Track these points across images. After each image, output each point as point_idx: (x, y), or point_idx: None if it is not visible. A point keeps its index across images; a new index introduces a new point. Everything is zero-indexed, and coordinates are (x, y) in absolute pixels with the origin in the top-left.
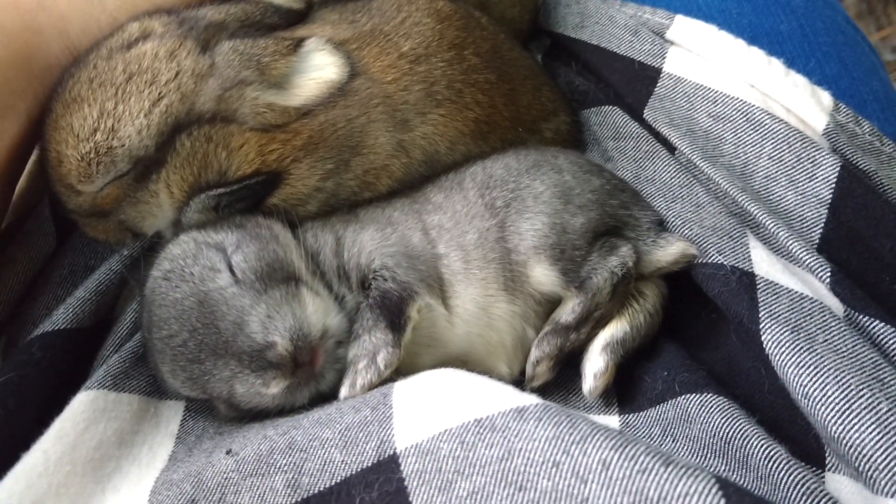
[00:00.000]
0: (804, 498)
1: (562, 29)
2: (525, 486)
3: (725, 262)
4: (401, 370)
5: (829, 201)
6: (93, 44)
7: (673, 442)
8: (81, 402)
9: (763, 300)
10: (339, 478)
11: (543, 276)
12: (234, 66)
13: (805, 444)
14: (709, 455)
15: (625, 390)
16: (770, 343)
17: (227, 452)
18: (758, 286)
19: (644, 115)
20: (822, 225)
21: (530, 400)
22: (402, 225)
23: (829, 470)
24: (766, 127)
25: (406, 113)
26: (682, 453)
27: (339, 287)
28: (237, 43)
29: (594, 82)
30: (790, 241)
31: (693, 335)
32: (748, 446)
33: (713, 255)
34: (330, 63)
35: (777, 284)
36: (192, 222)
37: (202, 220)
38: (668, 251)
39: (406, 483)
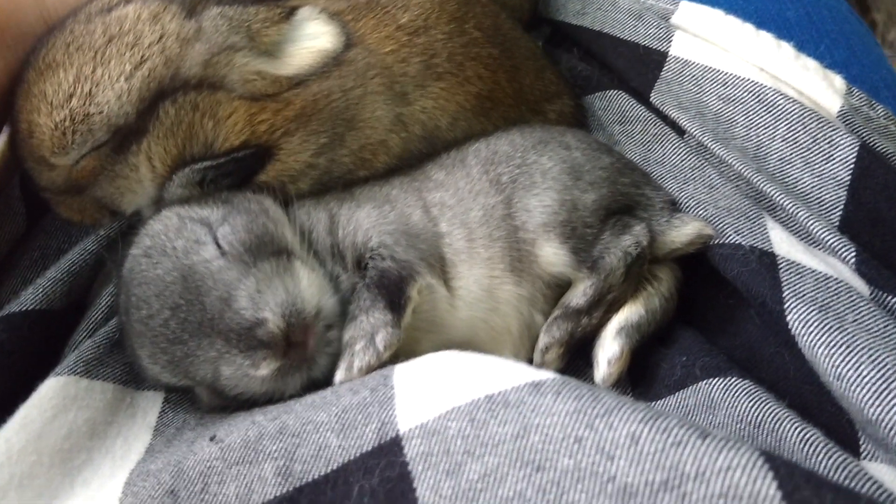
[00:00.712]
0: (846, 481)
1: (562, 16)
2: (543, 466)
3: (744, 242)
4: (399, 356)
5: (848, 183)
6: (70, 11)
7: None
8: (50, 389)
9: (786, 280)
10: (335, 464)
11: (553, 255)
12: (221, 31)
13: (837, 431)
14: None
15: (639, 378)
16: (797, 323)
17: (212, 439)
18: (779, 266)
19: (651, 99)
20: (842, 207)
21: (546, 374)
22: (401, 202)
23: (864, 458)
24: (780, 108)
25: (405, 85)
26: None
27: (334, 267)
28: (226, 8)
29: (597, 68)
30: (811, 222)
31: (710, 321)
32: (781, 430)
33: (730, 235)
34: (324, 32)
35: (800, 265)
36: (176, 198)
37: (186, 196)
38: (683, 231)
39: (410, 467)
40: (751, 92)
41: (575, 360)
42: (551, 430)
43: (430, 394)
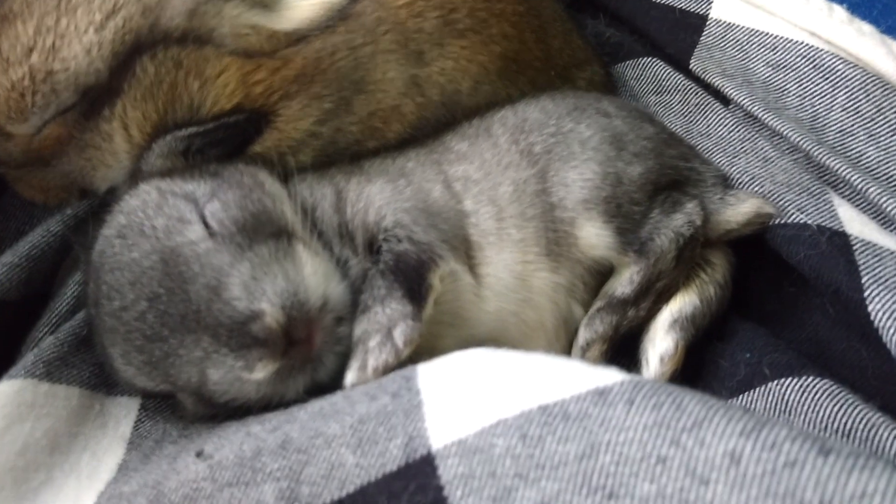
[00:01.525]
0: None
1: None
2: (617, 493)
3: (810, 221)
4: (420, 355)
5: None
6: None
7: None
8: (3, 395)
9: (864, 263)
10: (352, 486)
11: (595, 236)
12: None
13: None
14: None
15: (694, 379)
16: (881, 314)
17: (198, 455)
18: (854, 247)
19: (691, 67)
20: None
21: (612, 376)
22: (419, 176)
23: None
24: (839, 74)
25: (421, 44)
26: None
27: (342, 250)
28: None
29: (627, 34)
30: (884, 199)
31: (768, 313)
32: (876, 438)
33: (793, 213)
34: None
35: (877, 245)
36: (156, 170)
37: (168, 168)
38: (739, 210)
39: (446, 492)
40: (804, 57)
41: (615, 358)
42: (626, 448)
43: (468, 402)
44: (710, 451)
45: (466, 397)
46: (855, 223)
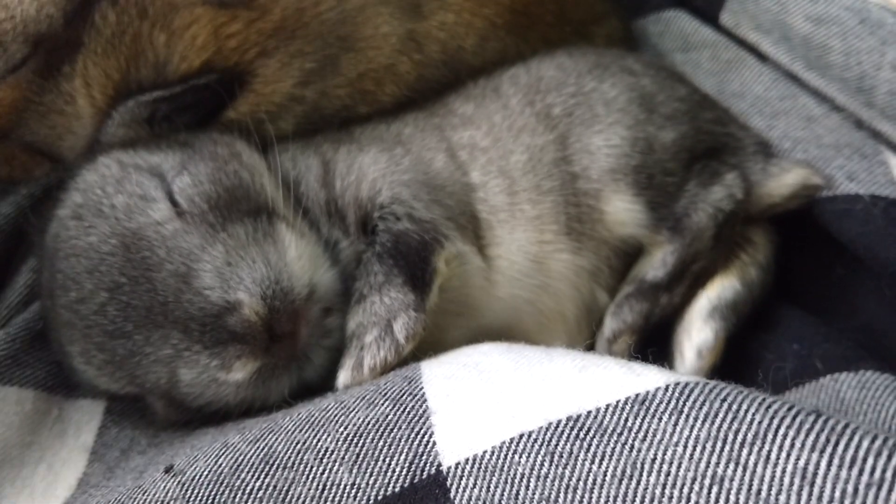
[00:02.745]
0: None
1: None
2: None
3: (862, 192)
4: (421, 350)
5: None
6: None
7: None
8: None
9: None
10: None
11: (624, 211)
12: None
13: None
14: None
15: (735, 373)
16: None
17: (168, 470)
18: None
19: (721, 21)
20: None
21: (654, 379)
22: (418, 144)
23: None
24: (888, 28)
25: None
26: None
27: (331, 230)
28: None
29: None
30: None
31: (817, 298)
32: None
33: (842, 182)
34: None
35: None
36: (116, 140)
37: (130, 138)
38: (783, 181)
39: None
40: (849, 9)
41: (644, 351)
42: (674, 467)
43: (484, 411)
44: (777, 469)
45: (482, 404)
46: None
